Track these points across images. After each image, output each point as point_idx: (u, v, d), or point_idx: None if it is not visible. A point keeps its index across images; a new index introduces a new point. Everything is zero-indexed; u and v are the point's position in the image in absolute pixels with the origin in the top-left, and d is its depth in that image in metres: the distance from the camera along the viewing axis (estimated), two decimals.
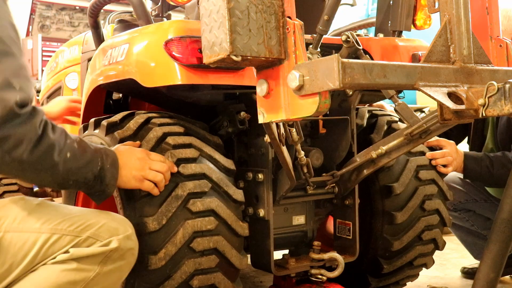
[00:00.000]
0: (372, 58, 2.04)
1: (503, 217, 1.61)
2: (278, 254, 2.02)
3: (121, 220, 1.50)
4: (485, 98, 1.34)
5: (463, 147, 2.74)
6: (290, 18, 1.35)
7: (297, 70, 1.29)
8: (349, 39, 1.89)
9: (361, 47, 1.92)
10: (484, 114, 1.35)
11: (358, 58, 1.91)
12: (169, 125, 1.76)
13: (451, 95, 1.40)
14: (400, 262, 2.19)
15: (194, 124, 1.85)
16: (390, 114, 2.32)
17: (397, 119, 2.28)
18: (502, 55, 1.74)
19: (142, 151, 1.61)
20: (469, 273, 2.96)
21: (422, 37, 2.25)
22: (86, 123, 1.98)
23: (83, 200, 2.04)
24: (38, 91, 3.67)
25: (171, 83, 1.68)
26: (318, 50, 1.85)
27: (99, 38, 2.60)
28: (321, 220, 2.29)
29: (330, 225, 2.50)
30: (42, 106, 3.05)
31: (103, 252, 1.41)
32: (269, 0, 1.32)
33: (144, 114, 1.81)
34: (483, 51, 1.55)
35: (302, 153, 1.84)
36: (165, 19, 2.58)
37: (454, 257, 3.34)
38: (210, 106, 2.03)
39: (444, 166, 2.29)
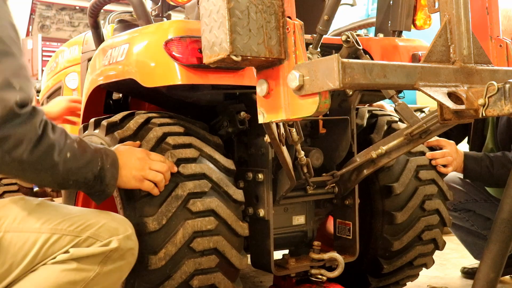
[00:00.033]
0: (372, 58, 2.04)
1: (503, 217, 1.61)
2: (278, 254, 2.02)
3: (121, 220, 1.50)
4: (485, 98, 1.34)
5: (463, 147, 2.74)
6: (290, 18, 1.35)
7: (297, 70, 1.29)
8: (349, 39, 1.89)
9: (361, 47, 1.92)
10: (484, 114, 1.35)
11: (358, 58, 1.91)
12: (169, 125, 1.76)
13: (451, 95, 1.40)
14: (400, 262, 2.19)
15: (194, 124, 1.85)
16: (390, 114, 2.32)
17: (397, 119, 2.28)
18: (502, 55, 1.74)
19: (142, 151, 1.61)
20: (469, 273, 2.96)
21: (422, 37, 2.25)
22: (86, 123, 1.98)
23: (83, 200, 2.04)
24: (38, 91, 3.67)
25: (171, 83, 1.68)
26: (318, 50, 1.85)
27: (99, 38, 2.60)
28: (321, 220, 2.29)
29: (330, 225, 2.50)
30: (42, 106, 3.05)
31: (103, 252, 1.41)
32: (269, 0, 1.32)
33: (144, 114, 1.81)
34: (483, 51, 1.55)
35: (302, 153, 1.84)
36: (165, 19, 2.57)
37: (454, 257, 3.34)
38: (210, 106, 2.03)
39: (444, 166, 2.29)
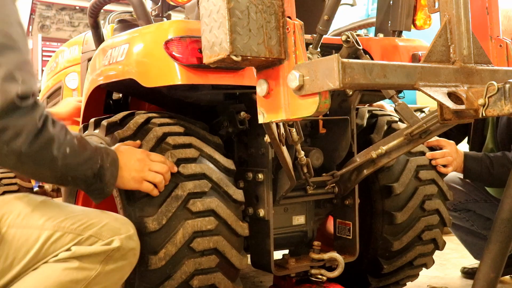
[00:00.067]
0: (372, 58, 2.04)
1: (503, 217, 1.61)
2: (278, 254, 2.02)
3: (123, 220, 1.51)
4: (485, 98, 1.34)
5: (463, 147, 2.74)
6: (290, 18, 1.35)
7: (297, 70, 1.29)
8: (349, 39, 1.89)
9: (361, 47, 1.92)
10: (484, 114, 1.35)
11: (358, 58, 1.90)
12: (169, 125, 1.76)
13: (451, 95, 1.40)
14: (400, 262, 2.19)
15: (194, 124, 1.85)
16: (390, 114, 2.32)
17: (397, 119, 2.28)
18: (502, 55, 1.74)
19: (142, 152, 1.61)
20: (469, 273, 2.96)
21: (422, 37, 2.25)
22: (86, 123, 1.98)
23: (83, 200, 2.03)
24: (38, 91, 3.68)
25: (171, 83, 1.67)
26: (318, 50, 1.85)
27: (99, 38, 2.60)
28: (321, 220, 2.29)
29: (330, 225, 2.49)
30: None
31: (105, 251, 1.41)
32: (269, 0, 1.32)
33: (144, 114, 1.81)
34: (483, 51, 1.55)
35: (302, 153, 1.84)
36: (165, 19, 2.58)
37: (454, 257, 3.34)
38: (210, 106, 2.03)
39: (444, 166, 2.28)
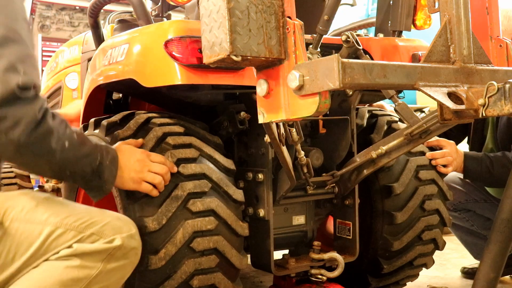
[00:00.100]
0: (372, 58, 2.04)
1: (503, 217, 1.61)
2: (278, 254, 2.02)
3: (125, 219, 1.51)
4: (485, 98, 1.34)
5: (463, 147, 2.74)
6: (290, 18, 1.35)
7: (297, 70, 1.29)
8: (349, 39, 1.89)
9: (361, 47, 1.92)
10: (484, 114, 1.35)
11: (358, 58, 1.90)
12: (169, 125, 1.76)
13: (451, 95, 1.40)
14: (400, 262, 2.19)
15: (194, 124, 1.85)
16: (390, 114, 2.32)
17: (397, 119, 2.28)
18: (502, 55, 1.74)
19: (142, 153, 1.61)
20: (469, 273, 2.96)
21: (422, 37, 2.25)
22: (86, 123, 1.98)
23: (83, 200, 2.03)
24: (40, 85, 3.68)
25: (171, 83, 1.67)
26: (318, 50, 1.85)
27: (99, 38, 2.60)
28: (321, 220, 2.29)
29: (330, 225, 2.50)
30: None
31: (106, 249, 1.41)
32: (269, 0, 1.32)
33: (144, 114, 1.81)
34: (483, 51, 1.55)
35: (302, 153, 1.84)
36: (165, 19, 2.58)
37: (454, 257, 3.34)
38: (210, 106, 2.03)
39: (444, 166, 2.29)
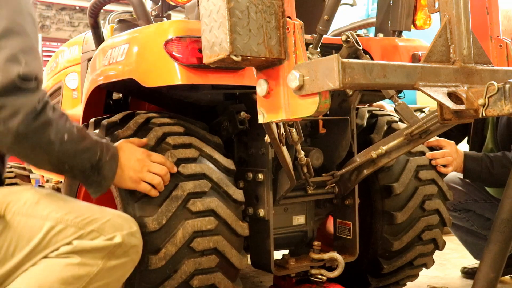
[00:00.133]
0: (372, 58, 2.04)
1: (503, 217, 1.61)
2: (278, 254, 2.02)
3: (126, 217, 1.51)
4: (485, 98, 1.34)
5: (463, 147, 2.74)
6: (290, 18, 1.35)
7: (297, 70, 1.29)
8: (349, 39, 1.89)
9: (361, 47, 1.92)
10: (484, 114, 1.35)
11: (358, 58, 1.90)
12: (169, 125, 1.76)
13: (451, 95, 1.40)
14: (400, 262, 2.19)
15: (194, 124, 1.85)
16: (390, 114, 2.32)
17: (397, 119, 2.28)
18: (502, 55, 1.74)
19: (142, 152, 1.61)
20: (469, 273, 2.95)
21: (422, 37, 2.25)
22: (86, 123, 1.98)
23: (84, 199, 2.03)
24: (42, 77, 3.68)
25: (171, 83, 1.67)
26: (318, 50, 1.85)
27: (99, 38, 2.60)
28: (321, 220, 2.29)
29: (330, 225, 2.49)
30: None
31: (107, 246, 1.41)
32: (269, 0, 1.32)
33: (144, 114, 1.81)
34: (483, 51, 1.55)
35: (302, 153, 1.84)
36: (165, 19, 2.58)
37: (454, 257, 3.34)
38: (210, 106, 2.03)
39: (444, 166, 2.28)
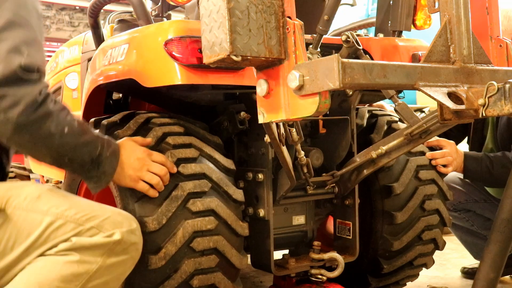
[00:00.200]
0: (372, 58, 2.04)
1: (503, 217, 1.61)
2: (278, 254, 2.02)
3: (126, 215, 1.51)
4: (485, 98, 1.34)
5: (463, 147, 2.74)
6: (290, 18, 1.35)
7: (297, 70, 1.29)
8: (349, 39, 1.89)
9: (361, 47, 1.92)
10: (484, 114, 1.35)
11: (358, 58, 1.90)
12: (169, 125, 1.76)
13: (451, 95, 1.40)
14: (400, 262, 2.19)
15: (194, 124, 1.85)
16: (390, 114, 2.32)
17: (397, 119, 2.28)
18: (502, 55, 1.74)
19: (144, 151, 1.61)
20: (469, 273, 2.96)
21: (422, 37, 2.25)
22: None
23: (84, 197, 2.03)
24: (44, 69, 3.68)
25: (171, 83, 1.67)
26: (318, 50, 1.85)
27: (99, 38, 2.59)
28: (321, 220, 2.29)
29: (330, 225, 2.50)
30: None
31: (106, 243, 1.41)
32: (269, 0, 1.32)
33: (144, 114, 1.81)
34: (483, 51, 1.55)
35: (302, 153, 1.84)
36: (165, 19, 2.57)
37: (454, 257, 3.34)
38: (210, 106, 2.03)
39: (444, 166, 2.29)
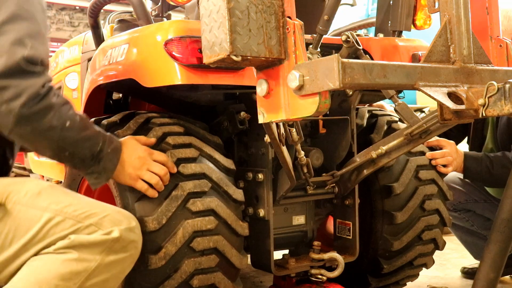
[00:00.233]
0: (372, 58, 2.04)
1: (503, 217, 1.61)
2: (278, 254, 2.02)
3: (126, 213, 1.51)
4: (485, 98, 1.34)
5: (463, 147, 2.74)
6: (290, 18, 1.35)
7: (297, 70, 1.29)
8: (349, 39, 1.89)
9: (361, 47, 1.92)
10: (484, 114, 1.35)
11: (358, 58, 1.91)
12: (169, 125, 1.76)
13: (451, 95, 1.40)
14: (400, 262, 2.19)
15: (194, 124, 1.85)
16: (390, 114, 2.32)
17: (397, 119, 2.28)
18: (502, 55, 1.74)
19: (145, 150, 1.61)
20: (469, 273, 2.96)
21: (422, 37, 2.25)
22: None
23: (85, 194, 2.03)
24: (48, 62, 3.68)
25: (171, 83, 1.67)
26: (318, 50, 1.85)
27: (99, 38, 2.60)
28: (321, 220, 2.29)
29: (330, 225, 2.50)
30: None
31: (104, 241, 1.40)
32: (269, 0, 1.32)
33: (144, 114, 1.81)
34: (483, 51, 1.55)
35: (302, 153, 1.84)
36: (165, 19, 2.58)
37: (454, 257, 3.34)
38: (210, 106, 2.03)
39: (444, 166, 2.29)
